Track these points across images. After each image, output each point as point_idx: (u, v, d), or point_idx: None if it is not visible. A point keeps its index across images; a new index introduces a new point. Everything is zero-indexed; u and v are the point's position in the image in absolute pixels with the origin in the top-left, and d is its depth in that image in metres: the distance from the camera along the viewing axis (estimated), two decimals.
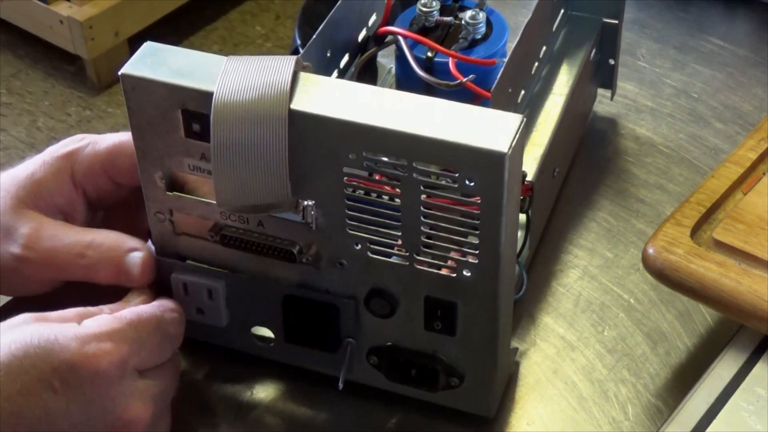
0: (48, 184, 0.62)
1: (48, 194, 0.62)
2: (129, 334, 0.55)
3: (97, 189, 0.63)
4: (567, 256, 0.71)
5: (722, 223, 0.63)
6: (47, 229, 0.61)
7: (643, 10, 0.91)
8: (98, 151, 0.63)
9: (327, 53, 0.64)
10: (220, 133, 0.53)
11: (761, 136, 0.68)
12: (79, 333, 0.54)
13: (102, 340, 0.54)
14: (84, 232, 0.62)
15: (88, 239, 0.61)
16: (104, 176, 0.63)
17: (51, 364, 0.53)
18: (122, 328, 0.55)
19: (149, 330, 0.57)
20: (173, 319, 0.58)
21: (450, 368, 0.59)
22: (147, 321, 0.57)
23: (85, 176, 0.63)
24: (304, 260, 0.57)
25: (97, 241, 0.61)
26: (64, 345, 0.53)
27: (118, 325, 0.56)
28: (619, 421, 0.62)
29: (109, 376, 0.54)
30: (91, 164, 0.63)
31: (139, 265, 0.60)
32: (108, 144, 0.63)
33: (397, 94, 0.54)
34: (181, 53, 0.55)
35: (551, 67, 0.73)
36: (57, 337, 0.54)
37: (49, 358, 0.53)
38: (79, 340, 0.54)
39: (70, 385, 0.53)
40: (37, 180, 0.62)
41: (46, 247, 0.61)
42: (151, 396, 0.56)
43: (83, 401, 0.53)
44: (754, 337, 0.60)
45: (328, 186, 0.54)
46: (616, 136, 0.80)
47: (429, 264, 0.55)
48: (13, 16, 2.06)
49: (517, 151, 0.51)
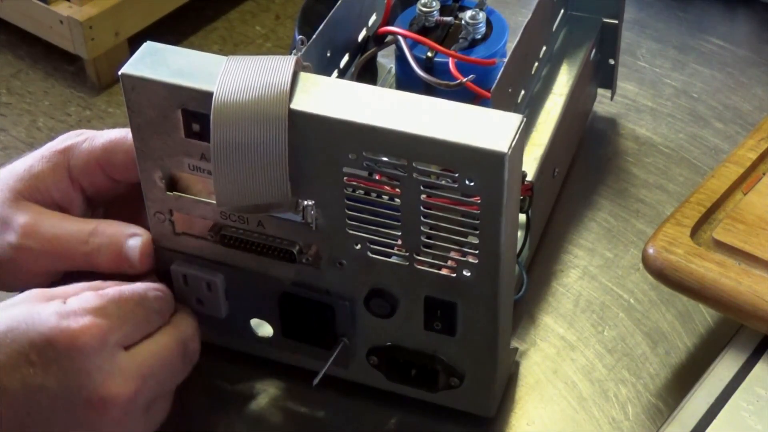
0: (45, 178, 0.62)
1: (45, 188, 0.62)
2: (110, 310, 0.55)
3: (94, 184, 0.63)
4: (567, 256, 0.71)
5: (722, 223, 0.63)
6: (47, 219, 0.61)
7: (643, 10, 0.91)
8: (94, 146, 0.63)
9: (327, 53, 0.64)
10: (220, 133, 0.53)
11: (761, 136, 0.68)
12: (60, 309, 0.55)
13: (81, 315, 0.55)
14: (81, 220, 0.62)
15: (91, 226, 0.61)
16: (100, 172, 0.63)
17: (29, 338, 0.53)
18: (103, 304, 0.56)
19: (131, 305, 0.57)
20: (157, 297, 0.58)
21: (450, 368, 0.59)
22: (129, 297, 0.57)
23: (81, 171, 0.63)
24: (304, 260, 0.57)
25: (100, 228, 0.61)
26: (43, 319, 0.54)
27: (99, 301, 0.56)
28: (619, 421, 0.62)
29: (86, 350, 0.54)
30: (87, 160, 0.63)
31: (139, 248, 0.61)
32: (104, 140, 0.63)
33: (397, 94, 0.54)
34: (181, 53, 0.55)
35: (551, 67, 0.73)
36: (39, 313, 0.54)
37: (28, 332, 0.54)
38: (59, 315, 0.54)
39: (47, 358, 0.53)
40: (35, 174, 0.62)
41: (47, 234, 0.61)
42: (136, 374, 0.55)
43: (60, 375, 0.53)
44: (754, 337, 0.60)
45: (328, 186, 0.54)
46: (616, 136, 0.80)
47: (429, 264, 0.55)
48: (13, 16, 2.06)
49: (517, 151, 0.51)
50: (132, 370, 0.55)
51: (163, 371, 0.57)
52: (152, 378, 0.56)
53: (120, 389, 0.55)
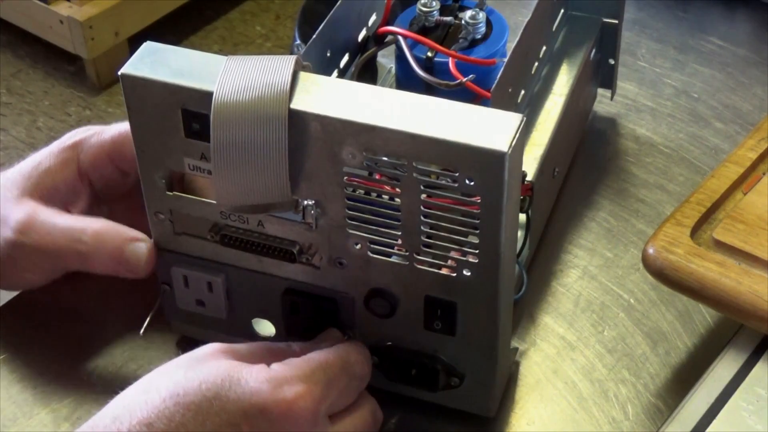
0: (53, 174, 0.62)
1: (52, 183, 0.62)
2: (319, 377, 0.54)
3: (103, 178, 0.63)
4: (567, 256, 0.71)
5: (722, 223, 0.63)
6: (42, 215, 0.61)
7: (643, 10, 0.91)
8: (104, 140, 0.63)
9: (327, 53, 0.64)
10: (220, 132, 0.53)
11: (761, 135, 0.68)
12: (270, 376, 0.53)
13: (294, 383, 0.53)
14: (80, 218, 0.62)
15: (82, 224, 0.61)
16: (110, 165, 0.63)
17: (242, 407, 0.52)
18: (313, 371, 0.54)
19: (336, 371, 0.55)
20: (358, 360, 0.57)
21: (450, 368, 0.59)
22: (334, 362, 0.55)
23: (91, 165, 0.63)
24: (304, 260, 0.57)
25: (93, 228, 0.61)
26: (255, 389, 0.52)
27: (308, 367, 0.54)
28: (619, 421, 0.62)
29: (300, 420, 0.52)
30: (97, 153, 0.63)
31: (145, 255, 0.61)
32: (113, 133, 0.63)
33: (397, 93, 0.54)
34: (181, 53, 0.55)
35: (551, 67, 0.73)
36: (248, 381, 0.52)
37: (239, 401, 0.52)
38: (272, 383, 0.52)
39: (259, 428, 0.52)
40: (43, 169, 0.62)
41: (41, 231, 0.61)
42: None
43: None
44: (754, 337, 0.60)
45: (327, 186, 0.54)
46: (616, 136, 0.80)
47: (429, 264, 0.55)
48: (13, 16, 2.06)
49: (517, 150, 0.51)
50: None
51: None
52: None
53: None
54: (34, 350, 0.67)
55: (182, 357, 0.55)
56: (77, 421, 0.63)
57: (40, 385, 0.65)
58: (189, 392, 0.52)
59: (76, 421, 0.63)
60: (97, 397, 0.64)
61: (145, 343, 0.66)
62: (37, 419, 0.63)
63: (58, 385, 0.65)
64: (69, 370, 0.65)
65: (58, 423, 0.63)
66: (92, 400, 0.64)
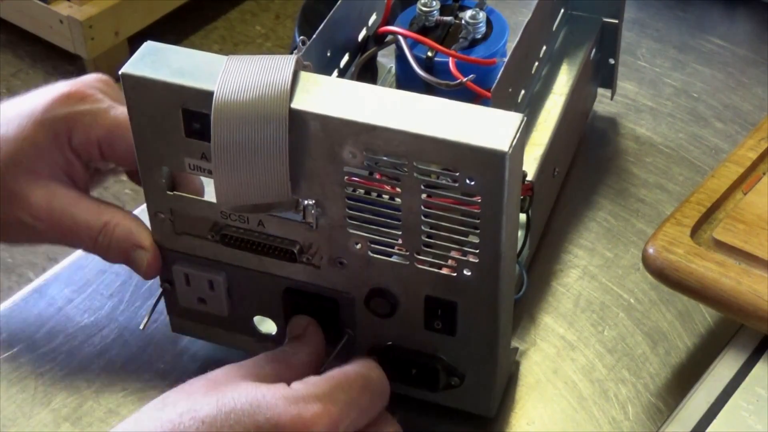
0: (47, 148, 0.61)
1: (50, 157, 0.61)
2: (338, 396, 0.53)
3: (90, 160, 0.63)
4: (567, 256, 0.71)
5: (722, 222, 0.63)
6: (59, 200, 0.61)
7: (643, 10, 0.91)
8: (98, 125, 0.61)
9: (327, 53, 0.64)
10: (221, 132, 0.53)
11: (761, 135, 0.68)
12: (287, 394, 0.52)
13: (311, 402, 0.52)
14: (97, 210, 0.61)
15: (101, 223, 0.61)
16: (98, 153, 0.62)
17: (256, 421, 0.51)
18: (332, 390, 0.53)
19: (357, 390, 0.54)
20: (379, 377, 0.56)
21: (450, 368, 0.59)
22: (354, 380, 0.54)
23: (80, 145, 0.62)
24: (305, 260, 0.57)
25: (109, 227, 0.61)
26: (271, 403, 0.51)
27: (328, 386, 0.53)
28: (619, 421, 0.62)
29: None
30: (88, 137, 0.61)
31: (145, 265, 0.61)
32: (109, 122, 0.61)
33: (397, 93, 0.54)
34: (182, 53, 0.55)
35: (551, 66, 0.73)
36: (265, 396, 0.51)
37: (255, 415, 0.51)
38: (287, 400, 0.51)
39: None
40: (37, 145, 0.61)
41: (59, 222, 0.61)
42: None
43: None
44: (754, 337, 0.60)
45: (328, 185, 0.54)
46: (616, 136, 0.80)
47: (429, 263, 0.55)
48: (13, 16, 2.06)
49: (518, 150, 0.51)
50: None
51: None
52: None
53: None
54: (34, 350, 0.67)
55: (198, 379, 0.54)
56: (77, 421, 0.63)
57: (40, 385, 0.65)
58: (205, 407, 0.51)
59: (76, 421, 0.63)
60: (97, 397, 0.64)
61: (145, 341, 0.67)
62: (37, 419, 0.63)
63: (58, 385, 0.65)
64: (69, 370, 0.65)
65: (58, 423, 0.63)
66: (93, 400, 0.64)
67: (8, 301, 0.70)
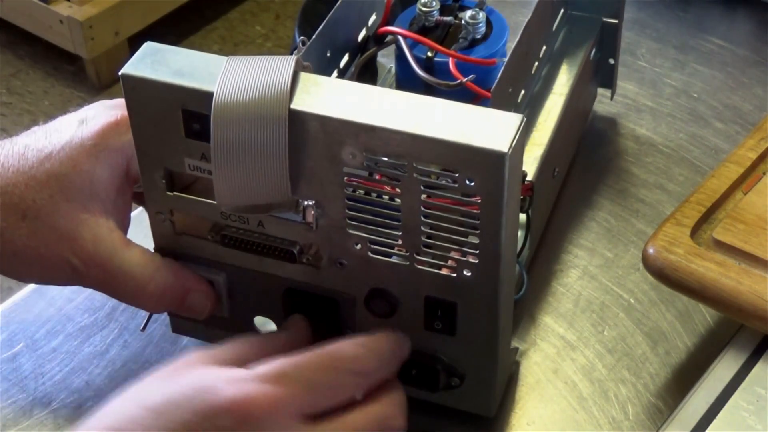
0: (103, 183, 0.58)
1: (105, 193, 0.58)
2: (292, 375, 0.51)
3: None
4: (567, 256, 0.71)
5: (722, 222, 0.63)
6: (104, 245, 0.58)
7: (643, 10, 0.91)
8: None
9: (327, 53, 0.64)
10: (221, 133, 0.53)
11: (761, 135, 0.68)
12: (233, 375, 0.50)
13: (256, 382, 0.50)
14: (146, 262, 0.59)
15: (147, 275, 0.58)
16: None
17: (194, 406, 0.49)
18: (284, 370, 0.51)
19: (321, 369, 0.52)
20: (356, 356, 0.53)
21: (450, 368, 0.59)
22: (319, 360, 0.52)
23: (138, 174, 0.58)
24: (305, 260, 0.57)
25: (158, 279, 0.59)
26: (210, 386, 0.50)
27: (285, 366, 0.51)
28: (619, 421, 0.62)
29: (266, 420, 0.49)
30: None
31: (206, 303, 0.60)
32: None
33: (397, 93, 0.54)
34: (181, 53, 0.55)
35: (551, 66, 0.73)
36: (209, 378, 0.50)
37: (193, 399, 0.49)
38: (228, 381, 0.50)
39: (221, 428, 0.49)
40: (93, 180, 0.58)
41: (104, 271, 0.58)
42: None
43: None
44: (754, 337, 0.60)
45: (328, 186, 0.54)
46: (616, 136, 0.80)
47: (429, 264, 0.55)
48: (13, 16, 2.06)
49: (518, 150, 0.51)
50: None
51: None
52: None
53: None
54: (34, 350, 0.67)
55: (161, 369, 0.53)
56: (77, 421, 0.63)
57: (40, 385, 0.65)
58: (152, 395, 0.50)
59: (75, 421, 0.63)
60: (97, 398, 0.64)
61: (145, 341, 0.67)
62: (37, 419, 0.63)
63: (58, 385, 0.65)
64: (69, 370, 0.65)
65: (58, 423, 0.63)
66: (93, 400, 0.64)
67: (8, 301, 0.70)
